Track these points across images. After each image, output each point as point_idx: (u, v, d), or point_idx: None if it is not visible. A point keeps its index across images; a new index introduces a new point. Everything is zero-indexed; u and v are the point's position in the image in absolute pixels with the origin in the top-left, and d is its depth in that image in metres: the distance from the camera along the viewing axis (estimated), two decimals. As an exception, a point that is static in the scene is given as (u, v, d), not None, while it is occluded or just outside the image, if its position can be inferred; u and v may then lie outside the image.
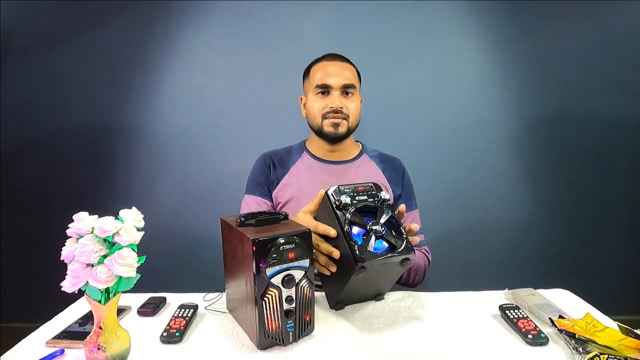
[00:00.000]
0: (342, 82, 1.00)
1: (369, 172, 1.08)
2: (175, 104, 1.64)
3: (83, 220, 0.54)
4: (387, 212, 0.73)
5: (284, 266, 0.62)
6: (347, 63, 1.06)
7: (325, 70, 1.02)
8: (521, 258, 1.72)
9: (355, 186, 0.76)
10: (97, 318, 0.56)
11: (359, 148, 1.13)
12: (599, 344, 0.61)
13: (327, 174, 1.05)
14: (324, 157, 1.08)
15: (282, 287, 0.62)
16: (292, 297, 0.63)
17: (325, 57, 1.06)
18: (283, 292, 0.62)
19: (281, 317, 0.63)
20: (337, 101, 1.00)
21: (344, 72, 1.02)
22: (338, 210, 0.71)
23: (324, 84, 1.01)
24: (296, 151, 1.11)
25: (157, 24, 1.61)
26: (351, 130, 1.04)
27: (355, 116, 1.04)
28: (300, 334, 0.66)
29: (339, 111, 1.00)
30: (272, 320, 0.62)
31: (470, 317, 0.75)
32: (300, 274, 0.63)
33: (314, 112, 1.03)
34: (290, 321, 0.64)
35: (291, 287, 0.62)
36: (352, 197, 0.73)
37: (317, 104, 1.02)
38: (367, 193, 0.75)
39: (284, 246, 0.61)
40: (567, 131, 1.68)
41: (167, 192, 1.65)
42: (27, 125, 1.63)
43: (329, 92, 1.01)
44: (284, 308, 0.63)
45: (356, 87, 1.04)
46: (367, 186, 0.77)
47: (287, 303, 0.63)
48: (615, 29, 1.64)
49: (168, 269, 1.60)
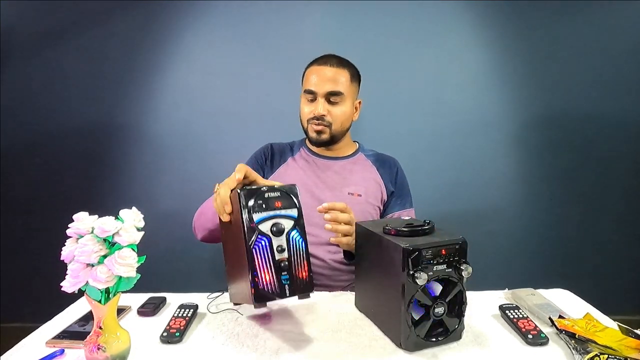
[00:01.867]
0: (326, 89, 1.02)
1: (364, 169, 1.11)
2: (175, 104, 1.64)
3: (83, 220, 0.54)
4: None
5: (271, 213, 0.63)
6: (341, 67, 1.05)
7: (315, 76, 1.04)
8: (521, 258, 1.72)
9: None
10: (97, 318, 0.56)
11: (355, 147, 1.17)
12: (599, 344, 0.61)
13: (322, 167, 1.10)
14: (320, 152, 1.12)
15: (271, 235, 0.62)
16: (283, 246, 0.63)
17: (320, 60, 1.07)
18: (274, 241, 0.63)
19: (274, 269, 0.62)
20: (321, 108, 1.02)
21: (333, 78, 1.03)
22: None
23: (310, 89, 1.04)
24: (297, 145, 1.17)
25: (157, 24, 1.61)
26: (336, 136, 1.07)
27: (340, 122, 1.05)
28: (297, 289, 0.63)
29: (321, 118, 1.03)
30: (264, 271, 0.61)
31: (470, 317, 0.75)
32: (290, 223, 0.64)
33: (302, 115, 1.08)
34: (285, 273, 0.62)
35: (280, 236, 0.63)
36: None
37: (305, 107, 1.06)
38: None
39: (268, 193, 0.64)
40: (567, 131, 1.68)
41: (167, 192, 1.65)
42: (27, 125, 1.63)
43: (316, 98, 1.04)
44: (276, 258, 0.62)
45: (344, 94, 1.04)
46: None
47: (279, 253, 0.63)
48: (617, 29, 1.64)
49: (168, 269, 1.60)
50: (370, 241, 0.72)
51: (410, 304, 0.62)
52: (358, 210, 1.02)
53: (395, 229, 0.66)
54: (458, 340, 0.67)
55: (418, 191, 1.62)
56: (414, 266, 0.61)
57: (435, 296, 0.64)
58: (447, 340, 0.66)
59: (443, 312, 0.64)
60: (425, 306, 0.64)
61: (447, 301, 0.64)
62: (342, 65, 1.06)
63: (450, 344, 0.66)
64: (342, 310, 0.79)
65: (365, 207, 1.05)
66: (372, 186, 1.08)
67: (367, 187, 1.07)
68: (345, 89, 1.04)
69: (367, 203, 1.06)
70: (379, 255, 0.69)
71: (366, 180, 1.09)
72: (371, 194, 1.07)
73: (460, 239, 0.65)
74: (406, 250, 0.61)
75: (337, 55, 1.08)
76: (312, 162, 1.11)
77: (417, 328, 0.63)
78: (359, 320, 0.75)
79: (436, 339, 0.65)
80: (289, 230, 0.64)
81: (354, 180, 1.08)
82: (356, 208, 1.00)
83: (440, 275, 0.63)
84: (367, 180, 1.09)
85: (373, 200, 1.07)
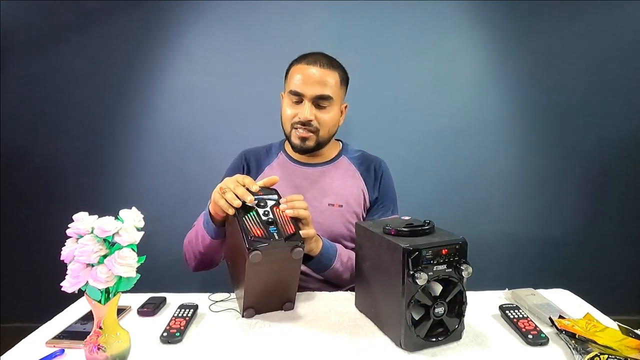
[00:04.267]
0: (315, 93, 0.94)
1: (346, 175, 1.04)
2: (175, 104, 1.64)
3: (83, 220, 0.54)
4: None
5: (255, 196, 0.75)
6: (330, 69, 0.97)
7: (303, 76, 0.95)
8: (521, 258, 1.72)
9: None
10: (97, 318, 0.56)
11: (338, 148, 1.09)
12: (599, 344, 0.61)
13: (301, 177, 1.02)
14: (299, 158, 1.05)
15: (257, 207, 0.74)
16: (269, 212, 0.74)
17: (309, 58, 0.98)
18: (259, 210, 0.74)
19: (262, 225, 0.71)
20: (307, 112, 0.94)
21: (322, 80, 0.95)
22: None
23: (296, 91, 0.95)
24: (275, 150, 1.09)
25: (157, 24, 1.61)
26: (322, 142, 1.00)
27: (327, 128, 0.98)
28: (286, 237, 0.71)
29: (307, 124, 0.95)
30: (255, 228, 0.70)
31: (470, 317, 0.75)
32: (272, 202, 0.76)
33: (285, 118, 0.99)
34: (272, 226, 0.72)
35: (265, 207, 0.74)
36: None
37: (289, 110, 0.98)
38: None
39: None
40: (567, 131, 1.68)
41: (167, 192, 1.65)
42: (27, 125, 1.63)
43: (302, 100, 0.96)
44: (262, 218, 0.72)
45: (333, 98, 0.96)
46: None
47: (265, 216, 0.73)
48: (616, 28, 1.64)
49: (168, 269, 1.60)
50: (370, 241, 0.72)
51: (410, 304, 0.62)
52: (339, 222, 0.99)
53: (395, 229, 0.66)
54: (458, 340, 0.67)
55: (417, 191, 1.64)
56: (414, 266, 0.61)
57: (436, 296, 0.64)
58: (447, 341, 0.65)
59: (443, 312, 0.64)
60: (425, 306, 0.64)
61: (447, 301, 0.64)
62: (332, 67, 0.98)
63: (450, 344, 0.66)
64: (342, 310, 0.79)
65: (347, 217, 0.99)
66: (354, 194, 1.02)
67: (348, 197, 1.01)
68: (335, 93, 0.97)
69: (349, 213, 1.00)
70: (379, 255, 0.69)
71: (347, 188, 1.02)
72: (353, 202, 1.01)
73: (460, 239, 0.65)
74: (406, 250, 0.61)
75: (326, 55, 1.00)
76: (290, 171, 1.03)
77: (417, 328, 0.63)
78: (359, 320, 0.75)
79: (436, 339, 0.65)
80: (272, 206, 0.75)
81: (335, 189, 1.01)
82: (337, 219, 0.99)
83: (441, 275, 0.63)
84: (349, 188, 1.02)
85: (355, 209, 1.01)
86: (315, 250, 0.85)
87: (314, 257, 0.86)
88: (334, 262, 0.88)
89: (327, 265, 0.88)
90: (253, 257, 0.66)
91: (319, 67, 0.96)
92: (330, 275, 0.90)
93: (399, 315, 0.63)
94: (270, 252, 0.68)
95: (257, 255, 0.66)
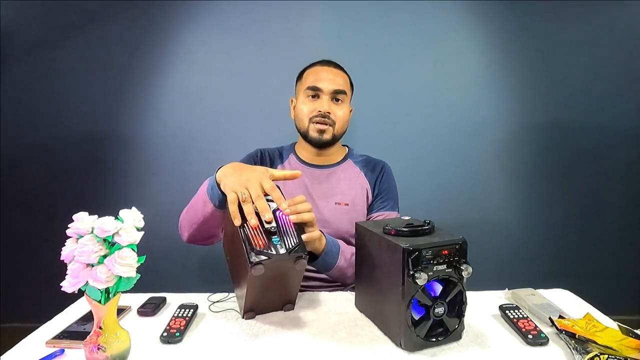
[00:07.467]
0: (333, 87, 1.03)
1: (351, 176, 1.10)
2: (175, 104, 1.64)
3: (83, 220, 0.54)
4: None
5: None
6: (341, 70, 1.08)
7: (318, 75, 1.04)
8: (521, 258, 1.72)
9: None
10: (97, 318, 0.56)
11: (344, 152, 1.15)
12: (599, 344, 0.61)
13: (310, 178, 1.08)
14: (309, 160, 1.10)
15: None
16: (271, 217, 0.69)
17: (322, 62, 1.08)
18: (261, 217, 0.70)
19: (265, 234, 0.68)
20: (326, 106, 1.02)
21: (336, 78, 1.04)
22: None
23: (315, 86, 1.03)
24: (286, 152, 1.14)
25: (157, 24, 1.61)
26: (337, 137, 1.06)
27: (342, 123, 1.05)
28: (289, 249, 0.67)
29: (326, 116, 1.02)
30: (258, 238, 0.67)
31: (470, 317, 0.75)
32: (274, 205, 0.72)
33: (302, 115, 1.05)
34: (275, 236, 0.68)
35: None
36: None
37: (306, 106, 1.04)
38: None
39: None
40: (567, 132, 1.68)
41: (167, 192, 1.65)
42: (27, 126, 1.63)
43: (319, 96, 1.03)
44: (265, 226, 0.69)
45: (347, 94, 1.06)
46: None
47: (267, 223, 0.69)
48: (616, 30, 1.64)
49: (168, 269, 1.60)
50: (370, 241, 0.72)
51: (410, 304, 0.62)
52: (345, 220, 1.03)
53: (395, 229, 0.66)
54: (458, 341, 0.67)
55: (418, 191, 1.63)
56: (414, 266, 0.61)
57: (436, 296, 0.64)
58: (447, 341, 0.65)
59: (443, 312, 0.64)
60: (425, 306, 0.64)
61: (447, 301, 0.64)
62: (342, 70, 1.09)
63: (450, 344, 0.66)
64: (342, 310, 0.79)
65: (353, 215, 1.04)
66: (359, 192, 1.07)
67: (354, 195, 1.06)
68: (347, 90, 1.07)
69: (355, 211, 1.05)
70: (379, 255, 0.69)
71: (353, 188, 1.08)
72: (358, 201, 1.06)
73: (460, 239, 0.65)
74: (406, 250, 0.61)
75: (334, 61, 1.10)
76: (301, 172, 1.08)
77: (417, 328, 0.63)
78: (359, 320, 0.75)
79: (436, 339, 0.65)
80: (274, 210, 0.71)
81: (341, 189, 1.07)
82: (343, 217, 1.03)
83: (441, 275, 0.63)
84: (354, 187, 1.08)
85: (360, 207, 1.06)
86: (319, 248, 0.85)
87: (319, 256, 0.86)
88: (338, 259, 0.89)
89: (332, 263, 0.89)
90: (255, 271, 0.64)
91: (332, 67, 1.07)
92: (335, 273, 0.91)
93: (399, 315, 0.63)
94: (272, 266, 0.66)
95: (259, 269, 0.64)
